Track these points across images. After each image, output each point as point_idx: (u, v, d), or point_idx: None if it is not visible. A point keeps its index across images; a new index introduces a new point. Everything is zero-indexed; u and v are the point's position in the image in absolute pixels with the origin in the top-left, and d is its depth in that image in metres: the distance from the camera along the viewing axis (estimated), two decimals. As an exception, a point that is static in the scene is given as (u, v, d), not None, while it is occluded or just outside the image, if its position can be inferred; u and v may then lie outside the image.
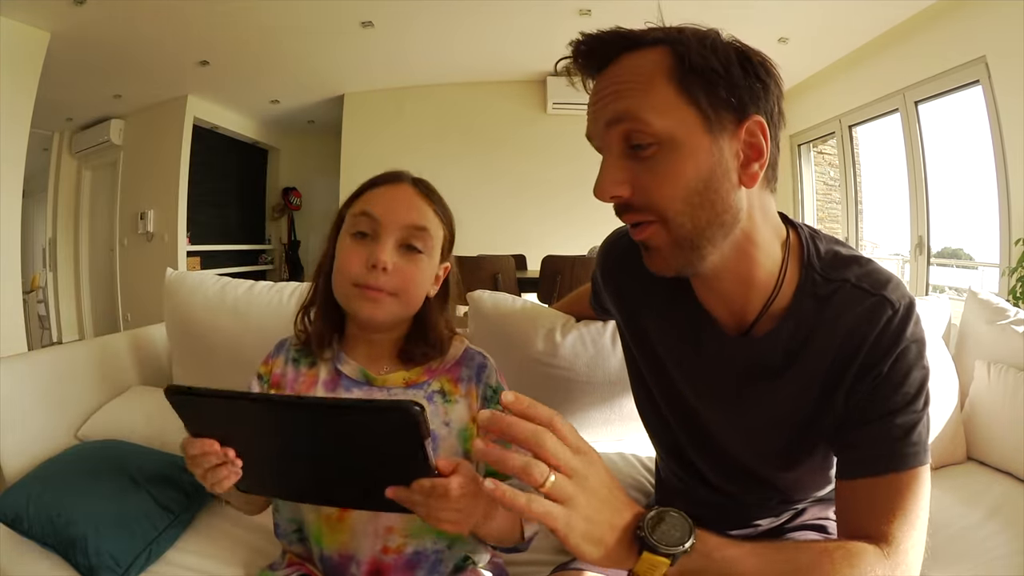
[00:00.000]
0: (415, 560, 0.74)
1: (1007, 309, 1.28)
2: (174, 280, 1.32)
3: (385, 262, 0.69)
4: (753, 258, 0.63)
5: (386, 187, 0.74)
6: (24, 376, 1.15)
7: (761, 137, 0.58)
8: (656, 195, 0.58)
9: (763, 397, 0.67)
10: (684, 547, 0.51)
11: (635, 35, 0.59)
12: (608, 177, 0.60)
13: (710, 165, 0.57)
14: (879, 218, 4.30)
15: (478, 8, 3.63)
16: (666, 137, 0.57)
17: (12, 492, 0.96)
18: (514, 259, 3.69)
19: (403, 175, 0.76)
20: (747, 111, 0.57)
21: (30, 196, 4.32)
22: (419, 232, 0.72)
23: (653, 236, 0.61)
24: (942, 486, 1.07)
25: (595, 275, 0.94)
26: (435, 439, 0.73)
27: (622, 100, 0.58)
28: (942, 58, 3.15)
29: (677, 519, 0.54)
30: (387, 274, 0.70)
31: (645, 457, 1.13)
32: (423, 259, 0.73)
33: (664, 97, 0.57)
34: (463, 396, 0.76)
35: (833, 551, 0.55)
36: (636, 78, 0.58)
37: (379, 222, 0.71)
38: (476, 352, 0.80)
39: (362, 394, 0.74)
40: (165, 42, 3.79)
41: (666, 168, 0.57)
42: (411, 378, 0.75)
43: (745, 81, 0.57)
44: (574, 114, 5.07)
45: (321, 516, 0.73)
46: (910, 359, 0.59)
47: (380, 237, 0.71)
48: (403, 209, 0.72)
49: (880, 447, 0.58)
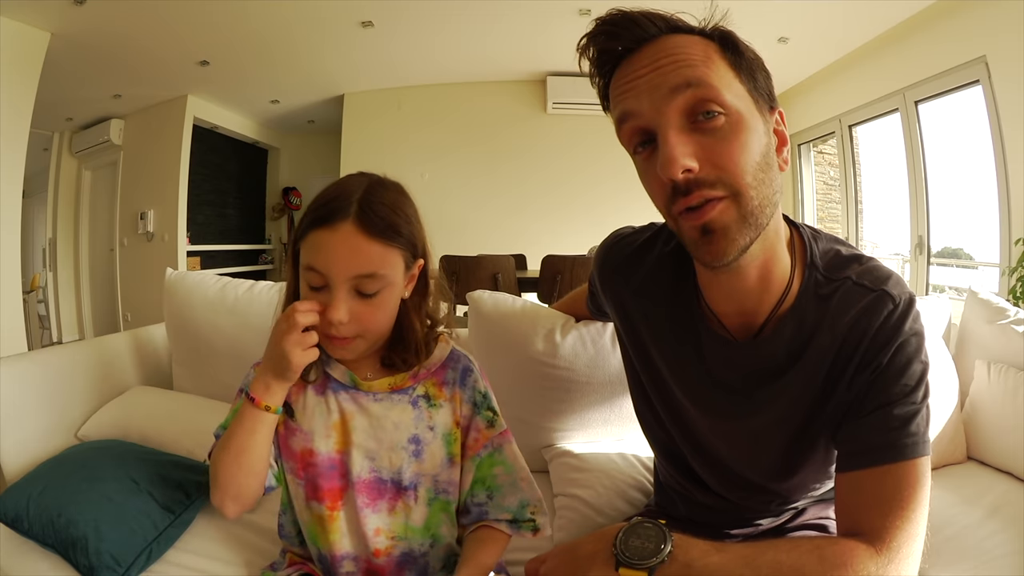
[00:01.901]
0: (404, 561, 0.75)
1: (1007, 309, 1.28)
2: (174, 280, 1.32)
3: (340, 319, 0.67)
4: (775, 251, 0.64)
5: (326, 231, 0.67)
6: (24, 376, 1.15)
7: (783, 126, 0.62)
8: (731, 166, 0.56)
9: (766, 399, 0.67)
10: (659, 559, 0.53)
11: (681, 21, 0.60)
12: (679, 150, 0.55)
13: (766, 143, 0.59)
14: (879, 218, 4.30)
15: (478, 8, 3.63)
16: (733, 109, 0.57)
17: (12, 492, 0.96)
18: (514, 259, 3.69)
19: (345, 208, 0.67)
20: (774, 100, 0.61)
21: (30, 196, 4.32)
22: (368, 279, 0.68)
23: (723, 213, 0.57)
24: (942, 486, 1.07)
25: (592, 278, 0.94)
26: (420, 442, 0.74)
27: (688, 68, 0.57)
28: (942, 58, 3.15)
29: (650, 530, 0.55)
30: (346, 325, 0.68)
31: (645, 457, 1.13)
32: (382, 295, 0.70)
33: (724, 73, 0.58)
34: (447, 400, 0.77)
35: (823, 548, 0.55)
36: (694, 52, 0.58)
37: (326, 276, 0.67)
38: (461, 354, 0.80)
39: (349, 397, 0.75)
40: (165, 42, 3.79)
41: (737, 139, 0.57)
42: (396, 383, 0.76)
43: (766, 74, 0.61)
44: (574, 114, 5.07)
45: (314, 516, 0.74)
46: (909, 351, 0.59)
47: (332, 289, 0.67)
48: (346, 259, 0.67)
49: (878, 437, 0.58)
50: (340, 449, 0.74)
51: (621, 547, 0.54)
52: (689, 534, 0.58)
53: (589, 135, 4.99)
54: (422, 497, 0.75)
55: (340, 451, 0.74)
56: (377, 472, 0.74)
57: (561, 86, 4.90)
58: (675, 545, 0.54)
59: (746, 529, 0.80)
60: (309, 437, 0.74)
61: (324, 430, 0.74)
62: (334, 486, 0.73)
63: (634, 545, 0.54)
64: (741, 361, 0.68)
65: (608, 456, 1.12)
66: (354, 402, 0.75)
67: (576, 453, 1.14)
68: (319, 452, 0.73)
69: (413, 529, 0.75)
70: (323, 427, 0.74)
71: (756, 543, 0.57)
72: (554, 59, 4.59)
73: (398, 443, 0.74)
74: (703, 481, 0.79)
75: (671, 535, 0.55)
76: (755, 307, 0.66)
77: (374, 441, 0.74)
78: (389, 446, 0.74)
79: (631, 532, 0.55)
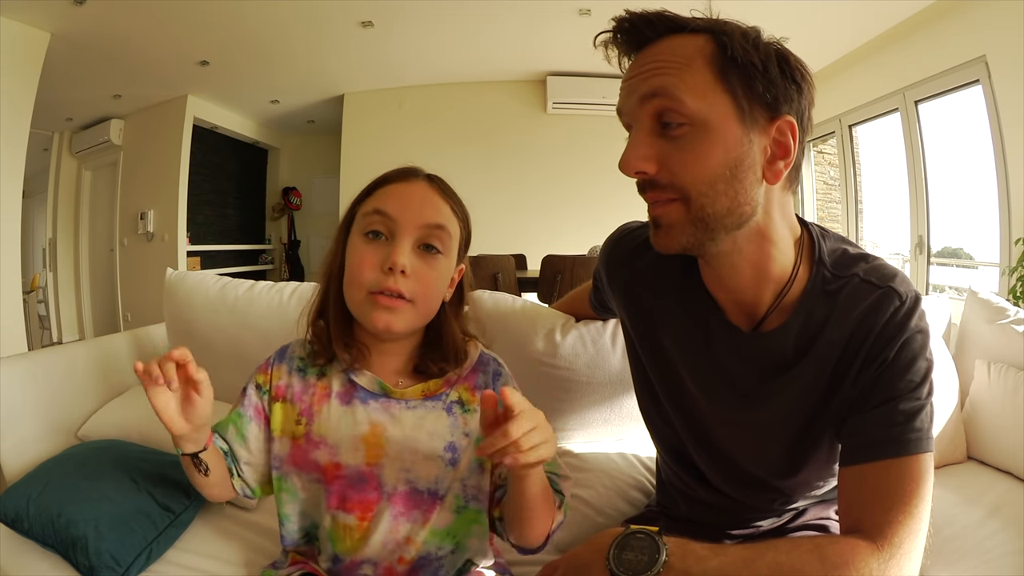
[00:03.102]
0: (420, 564, 0.73)
1: (1007, 309, 1.28)
2: (174, 280, 1.32)
3: (403, 264, 0.65)
4: (768, 253, 0.64)
5: (400, 183, 0.70)
6: (24, 376, 1.15)
7: (790, 137, 0.59)
8: (682, 174, 0.59)
9: (773, 392, 0.67)
10: (654, 571, 0.53)
11: (681, 19, 0.61)
12: (635, 152, 0.60)
13: (738, 155, 0.58)
14: (879, 218, 4.29)
15: (478, 8, 3.63)
16: (699, 119, 0.57)
17: (12, 492, 0.96)
18: (514, 259, 3.69)
19: (417, 171, 0.73)
20: (780, 110, 0.59)
21: (30, 196, 4.32)
22: (437, 231, 0.68)
23: (670, 213, 0.61)
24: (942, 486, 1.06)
25: (598, 271, 0.94)
26: (456, 450, 0.72)
27: (659, 77, 0.59)
28: (942, 58, 3.15)
29: (643, 540, 0.55)
30: (405, 277, 0.65)
31: (645, 457, 1.13)
32: (441, 260, 0.69)
33: (701, 80, 0.58)
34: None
35: (824, 548, 0.55)
36: (676, 58, 0.59)
37: (395, 221, 0.66)
38: (490, 357, 0.78)
39: (379, 406, 0.71)
40: (165, 42, 3.78)
41: (695, 149, 0.58)
42: (429, 389, 0.73)
43: (781, 81, 0.58)
44: (574, 114, 5.07)
45: (338, 524, 0.71)
46: (915, 348, 0.60)
47: (396, 237, 0.66)
48: (419, 207, 0.68)
49: (882, 431, 0.58)
50: (371, 462, 0.70)
51: (614, 562, 0.54)
52: (689, 535, 0.58)
53: (589, 135, 5.00)
54: (449, 503, 0.72)
55: (371, 464, 0.70)
56: (413, 483, 0.71)
57: (561, 86, 4.90)
58: (670, 553, 0.54)
59: (747, 530, 0.80)
60: (335, 451, 0.70)
61: (351, 442, 0.70)
62: (366, 498, 0.70)
63: (628, 559, 0.54)
64: (749, 353, 0.68)
65: (608, 456, 1.12)
66: (386, 412, 0.71)
67: (576, 453, 1.14)
68: (347, 465, 0.70)
69: (435, 532, 0.72)
70: (350, 439, 0.70)
71: (755, 544, 0.57)
72: (554, 59, 4.59)
73: (434, 452, 0.71)
74: (706, 477, 0.79)
75: (664, 543, 0.54)
76: (753, 300, 0.67)
77: (409, 452, 0.70)
78: (425, 456, 0.70)
79: (623, 545, 0.55)
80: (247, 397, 0.76)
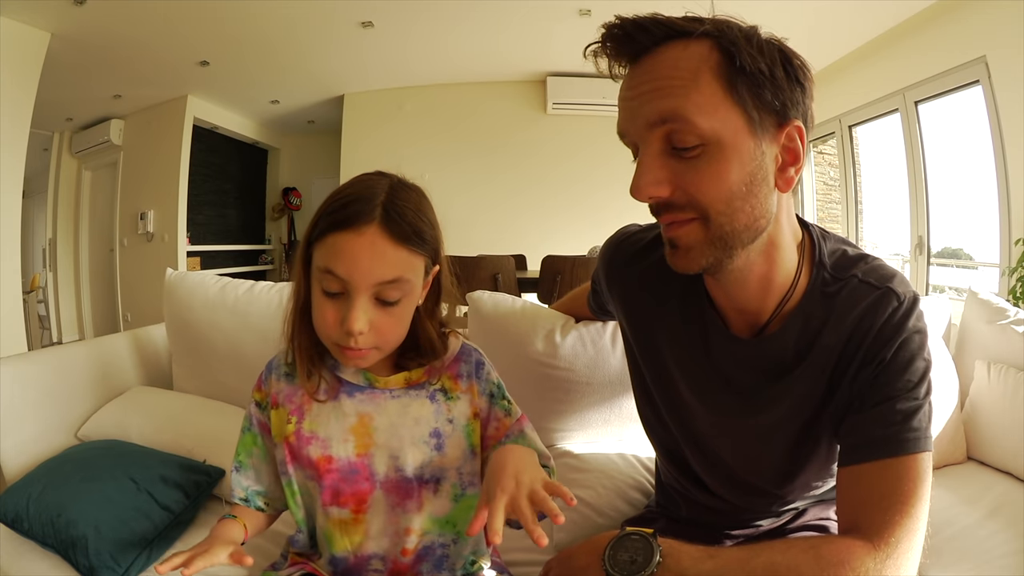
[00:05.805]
0: (423, 554, 0.74)
1: (1007, 309, 1.28)
2: (174, 280, 1.32)
3: (360, 329, 0.64)
4: (775, 261, 0.63)
5: (349, 234, 0.63)
6: (24, 376, 1.15)
7: (799, 142, 0.58)
8: (700, 195, 0.56)
9: (773, 397, 0.67)
10: (648, 572, 0.53)
11: (679, 25, 0.56)
12: (647, 177, 0.57)
13: (752, 168, 0.56)
14: (879, 218, 4.29)
15: (478, 8, 3.63)
16: (712, 138, 0.55)
17: (12, 492, 0.96)
18: (514, 259, 3.69)
19: (369, 211, 0.64)
20: (788, 115, 0.57)
21: (30, 196, 4.32)
22: (392, 285, 0.65)
23: (689, 234, 0.59)
24: (942, 486, 1.07)
25: (596, 275, 0.93)
26: (440, 435, 0.73)
27: (666, 99, 0.55)
28: (942, 58, 3.15)
29: (638, 542, 0.55)
30: (365, 335, 0.65)
31: (645, 457, 1.13)
32: (401, 304, 0.67)
33: (710, 96, 0.54)
34: (464, 392, 0.76)
35: (820, 547, 0.55)
36: (680, 73, 0.55)
37: (347, 282, 0.64)
38: (471, 348, 0.80)
39: (365, 397, 0.73)
40: (165, 42, 3.79)
41: (711, 168, 0.56)
42: (412, 378, 0.75)
43: (788, 85, 0.56)
44: (574, 114, 5.07)
45: (332, 521, 0.72)
46: (912, 348, 0.60)
47: (351, 297, 0.64)
48: (369, 265, 0.63)
49: (880, 431, 0.58)
50: (361, 452, 0.72)
51: (610, 563, 0.54)
52: (689, 536, 0.58)
53: (589, 135, 5.00)
54: (446, 491, 0.74)
55: (361, 454, 0.72)
56: (402, 471, 0.72)
57: (561, 86, 4.91)
58: (665, 555, 0.54)
59: (746, 530, 0.80)
60: (327, 444, 0.72)
61: (341, 434, 0.72)
62: (359, 490, 0.72)
63: (622, 560, 0.54)
64: (748, 358, 0.68)
65: (608, 456, 1.12)
66: (372, 402, 0.73)
67: (576, 453, 1.14)
68: (338, 457, 0.72)
69: (434, 520, 0.74)
70: (340, 431, 0.72)
71: (751, 545, 0.57)
72: (554, 59, 4.59)
73: (420, 438, 0.73)
74: (702, 481, 0.79)
75: (659, 545, 0.54)
76: (758, 307, 0.66)
77: (396, 439, 0.72)
78: (411, 441, 0.72)
79: (618, 546, 0.55)
80: (251, 419, 0.77)
